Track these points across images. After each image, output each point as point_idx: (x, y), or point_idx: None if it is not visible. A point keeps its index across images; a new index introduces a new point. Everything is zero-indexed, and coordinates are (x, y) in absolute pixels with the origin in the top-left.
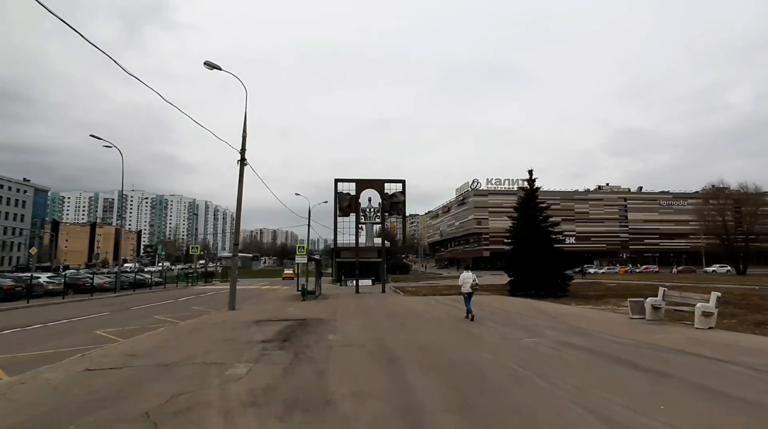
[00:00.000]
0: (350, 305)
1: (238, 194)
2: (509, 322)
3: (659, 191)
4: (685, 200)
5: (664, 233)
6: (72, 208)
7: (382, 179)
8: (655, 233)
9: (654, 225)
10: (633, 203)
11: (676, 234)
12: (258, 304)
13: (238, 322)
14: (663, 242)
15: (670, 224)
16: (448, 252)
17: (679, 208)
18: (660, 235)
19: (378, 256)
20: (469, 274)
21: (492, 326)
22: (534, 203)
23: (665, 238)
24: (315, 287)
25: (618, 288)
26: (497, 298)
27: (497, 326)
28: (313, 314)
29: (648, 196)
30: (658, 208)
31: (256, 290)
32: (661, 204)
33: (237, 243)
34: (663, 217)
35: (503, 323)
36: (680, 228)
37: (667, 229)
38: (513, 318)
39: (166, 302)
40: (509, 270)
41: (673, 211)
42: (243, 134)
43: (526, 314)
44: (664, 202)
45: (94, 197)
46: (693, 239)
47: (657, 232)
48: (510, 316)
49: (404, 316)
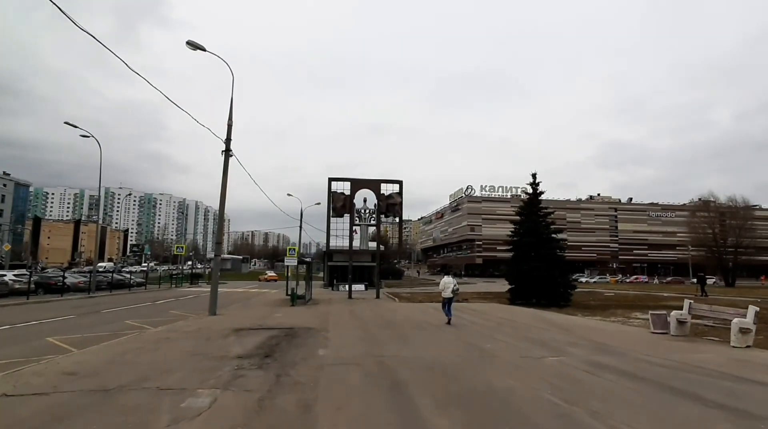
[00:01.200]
0: (343, 312)
1: (222, 188)
2: (522, 336)
3: (648, 203)
4: (673, 212)
5: (652, 244)
6: (56, 204)
7: (378, 179)
8: (643, 244)
9: (643, 236)
10: (623, 214)
11: (664, 245)
12: (242, 310)
13: (216, 330)
14: (651, 253)
15: (658, 235)
16: (441, 258)
17: (667, 219)
18: (648, 245)
19: (372, 260)
20: (450, 279)
21: (504, 340)
22: (537, 208)
23: (653, 248)
24: (305, 292)
25: (617, 298)
26: (498, 307)
27: (510, 340)
28: (302, 322)
29: (638, 208)
30: (647, 219)
31: (244, 293)
32: (650, 215)
33: (220, 241)
34: (652, 229)
35: (515, 337)
36: (668, 239)
37: (656, 240)
38: (524, 330)
39: (142, 305)
40: (510, 277)
41: (662, 222)
42: (228, 122)
43: (536, 326)
44: (653, 213)
45: (79, 194)
46: (680, 251)
47: (646, 243)
48: (520, 328)
49: (403, 326)
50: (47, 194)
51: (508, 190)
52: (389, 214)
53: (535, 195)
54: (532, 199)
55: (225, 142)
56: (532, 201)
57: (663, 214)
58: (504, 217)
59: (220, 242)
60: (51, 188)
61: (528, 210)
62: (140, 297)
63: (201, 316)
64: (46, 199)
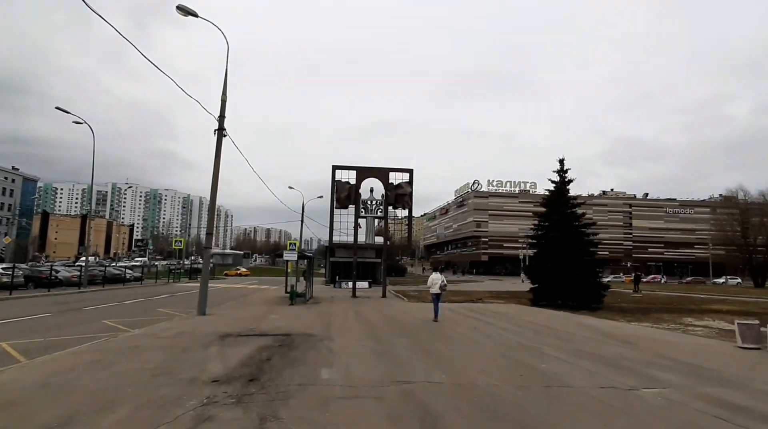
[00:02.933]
0: (348, 313)
1: (214, 171)
2: (577, 351)
3: (665, 198)
4: (692, 208)
5: (669, 242)
6: (65, 199)
7: (386, 167)
8: (659, 242)
9: (659, 233)
10: (638, 210)
11: (681, 243)
12: (236, 309)
13: (198, 336)
14: (668, 251)
15: (675, 233)
16: (444, 255)
17: (685, 216)
18: (665, 243)
19: (376, 256)
20: (438, 275)
21: (560, 358)
22: (566, 199)
23: (670, 247)
24: (305, 289)
25: (650, 300)
26: (523, 310)
27: (567, 358)
28: (301, 326)
29: (653, 203)
30: (664, 215)
31: (242, 290)
32: (668, 212)
33: (211, 232)
34: (669, 226)
35: (570, 352)
36: (686, 237)
37: (673, 238)
38: (574, 342)
39: (131, 302)
40: (533, 275)
41: (680, 219)
42: (222, 97)
43: (584, 335)
44: (670, 209)
45: (87, 189)
46: (699, 249)
47: (662, 241)
48: (567, 339)
49: (422, 333)
50: (56, 190)
51: (516, 185)
52: (398, 206)
53: (563, 184)
54: (560, 188)
55: (218, 120)
56: (560, 190)
57: (681, 211)
58: (512, 213)
59: (211, 233)
60: (60, 184)
61: (554, 201)
62: (133, 292)
63: (189, 315)
64: (55, 195)
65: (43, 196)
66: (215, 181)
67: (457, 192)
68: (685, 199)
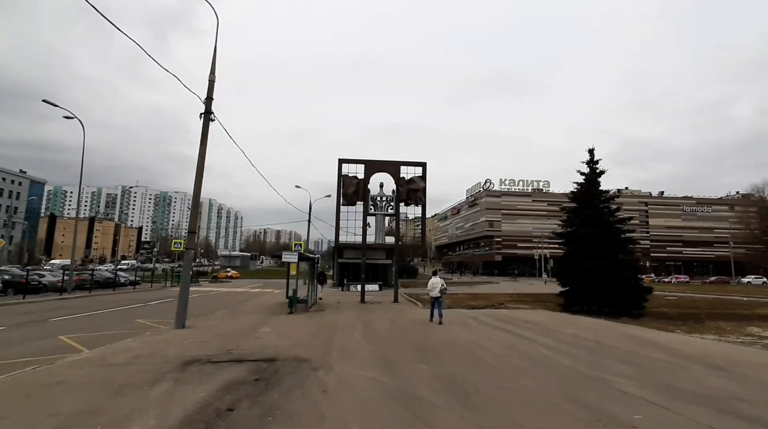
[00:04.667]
0: (354, 325)
1: (199, 160)
2: (664, 386)
3: (682, 196)
4: (709, 206)
5: (687, 241)
6: (74, 202)
7: (397, 161)
8: (678, 241)
9: (677, 232)
10: (654, 208)
11: (700, 242)
12: (225, 319)
13: (156, 362)
14: (687, 250)
15: (694, 231)
16: (457, 255)
17: (703, 214)
18: (683, 242)
19: (386, 257)
20: (438, 279)
21: (647, 399)
22: (597, 192)
23: (689, 245)
24: (308, 294)
25: (688, 303)
26: (559, 319)
27: (658, 399)
28: (293, 344)
29: (670, 202)
30: (681, 214)
31: (243, 294)
32: (684, 210)
33: (193, 230)
34: (686, 224)
35: (656, 388)
36: (705, 236)
37: (692, 237)
38: (648, 369)
39: (109, 310)
40: (563, 277)
41: (697, 217)
42: (210, 77)
43: (650, 356)
44: (687, 207)
45: (96, 192)
46: (718, 248)
47: (680, 240)
48: (634, 363)
49: (447, 356)
50: (65, 193)
51: (528, 183)
52: (410, 202)
53: (594, 175)
54: (590, 179)
55: (204, 102)
56: (591, 182)
57: (698, 209)
58: (525, 212)
59: (194, 232)
60: (69, 187)
61: (585, 193)
62: (120, 299)
63: (165, 329)
64: (64, 198)
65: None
66: (200, 172)
67: (468, 191)
68: (701, 197)
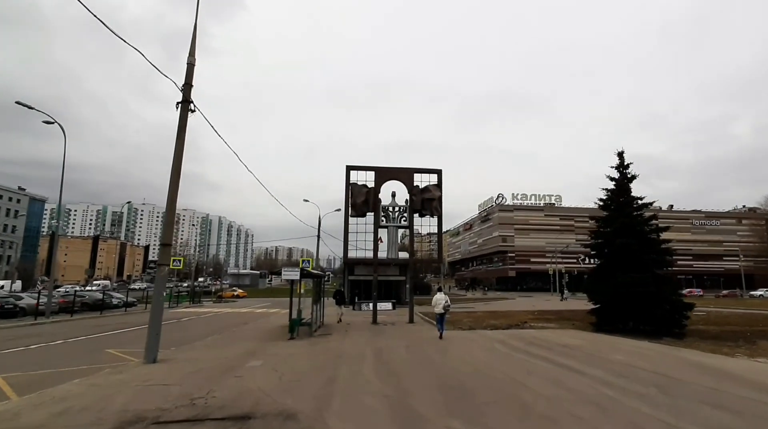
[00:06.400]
0: (364, 355)
1: (175, 157)
2: None
3: (691, 210)
4: (717, 220)
5: (697, 254)
6: (78, 221)
7: (410, 167)
8: (688, 254)
9: (687, 245)
10: (663, 222)
11: (710, 255)
12: (210, 348)
13: (79, 425)
14: (697, 264)
15: (703, 245)
16: (470, 271)
17: (712, 228)
18: (693, 256)
19: (400, 274)
20: (442, 295)
21: None
22: (630, 198)
23: (699, 259)
24: (312, 316)
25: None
26: (597, 341)
27: None
28: (282, 389)
29: (679, 215)
30: (690, 227)
31: (245, 316)
32: (694, 223)
33: (168, 243)
34: (696, 238)
35: None
36: (714, 249)
37: (701, 250)
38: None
39: (84, 337)
40: (595, 293)
41: (706, 231)
42: (189, 59)
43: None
44: (696, 221)
45: (102, 210)
46: (728, 261)
47: (690, 253)
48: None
49: (488, 404)
50: (69, 211)
51: (540, 198)
52: (425, 212)
53: (625, 180)
54: (621, 184)
55: (182, 89)
56: (622, 187)
57: (707, 222)
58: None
59: (169, 244)
60: (73, 205)
61: (617, 200)
62: (106, 323)
63: (133, 363)
64: (68, 216)
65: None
66: (176, 172)
67: (480, 206)
68: (710, 211)
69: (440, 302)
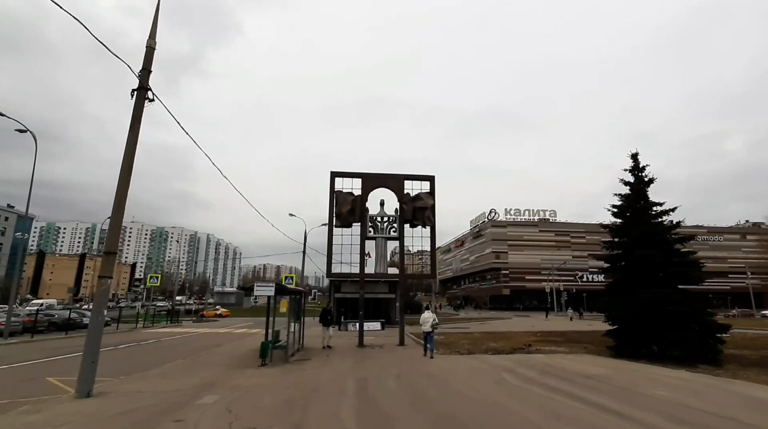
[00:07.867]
0: (345, 388)
1: (126, 151)
2: None
3: (692, 225)
4: (720, 235)
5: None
6: (67, 239)
7: (400, 174)
8: None
9: None
10: None
11: (715, 272)
12: (164, 378)
13: None
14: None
15: (707, 261)
16: (462, 289)
17: (714, 243)
18: None
19: (389, 291)
20: (430, 314)
21: None
22: (648, 203)
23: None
24: (288, 338)
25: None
26: (619, 368)
27: None
28: None
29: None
30: (693, 243)
31: (222, 336)
32: (696, 239)
33: (113, 251)
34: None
35: None
36: (719, 265)
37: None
38: None
39: (31, 362)
40: (612, 313)
41: (709, 247)
42: (148, 42)
43: None
44: (699, 237)
45: (91, 228)
46: (733, 278)
47: None
48: None
49: None
50: (59, 229)
51: (534, 213)
52: (417, 223)
53: (641, 184)
54: (637, 189)
55: (138, 75)
56: (638, 192)
57: (710, 238)
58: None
59: (113, 253)
60: (62, 223)
61: (634, 205)
62: (67, 345)
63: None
64: (57, 234)
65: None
66: (127, 167)
67: (472, 222)
68: (712, 226)
69: (428, 321)
